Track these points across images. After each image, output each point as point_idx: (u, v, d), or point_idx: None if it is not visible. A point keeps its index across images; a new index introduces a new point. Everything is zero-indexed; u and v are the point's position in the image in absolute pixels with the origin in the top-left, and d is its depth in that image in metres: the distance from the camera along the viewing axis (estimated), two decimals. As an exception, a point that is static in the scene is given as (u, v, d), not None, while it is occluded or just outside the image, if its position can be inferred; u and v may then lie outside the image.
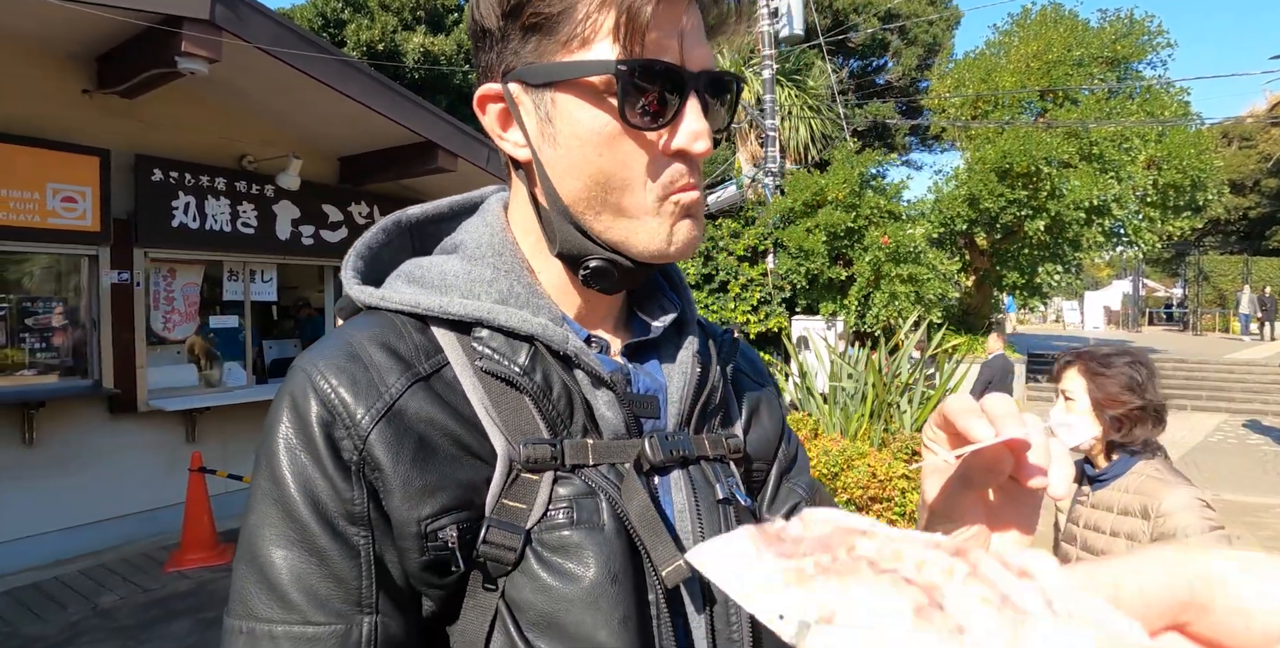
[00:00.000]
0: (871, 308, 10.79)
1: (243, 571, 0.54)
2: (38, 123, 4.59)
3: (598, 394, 0.60)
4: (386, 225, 0.71)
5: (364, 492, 0.53)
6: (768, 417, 0.76)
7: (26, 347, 4.76)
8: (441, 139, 5.56)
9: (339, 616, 0.52)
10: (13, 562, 4.61)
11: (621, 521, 0.56)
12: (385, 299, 0.62)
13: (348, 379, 0.55)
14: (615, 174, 0.57)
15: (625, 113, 0.54)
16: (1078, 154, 12.03)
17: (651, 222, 0.58)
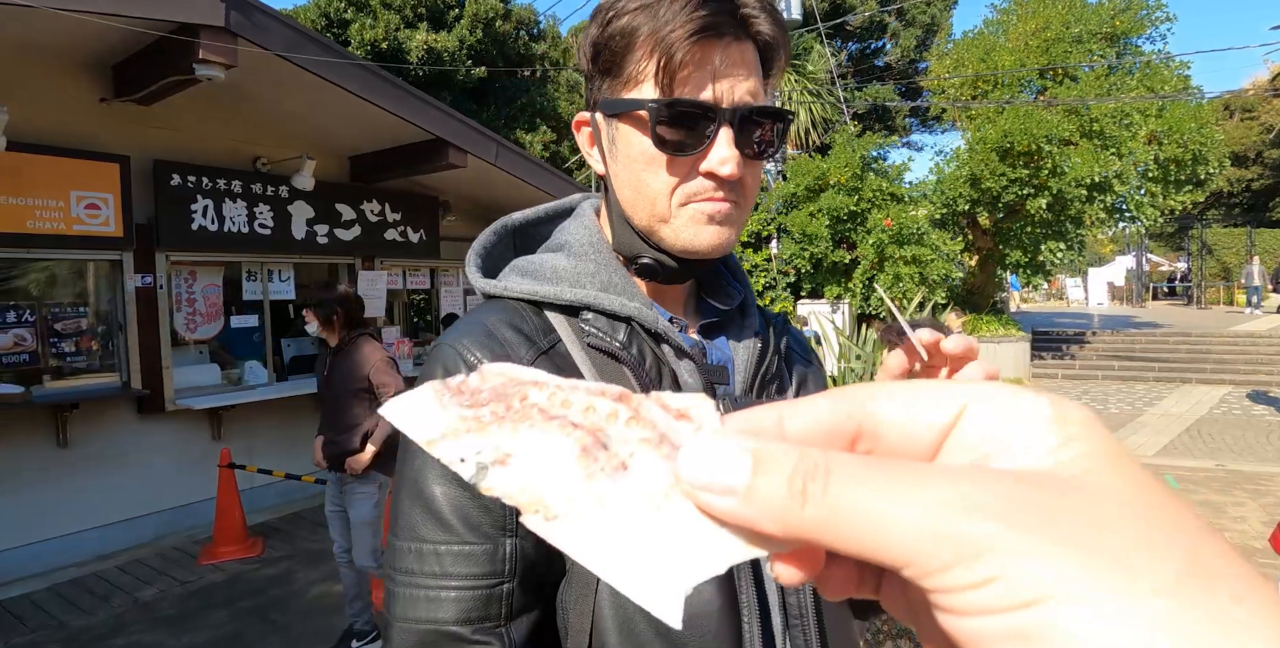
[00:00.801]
0: (876, 290, 10.89)
1: (408, 505, 0.68)
2: (59, 132, 4.70)
3: (681, 364, 0.74)
4: (496, 229, 0.86)
5: None
6: (814, 387, 0.91)
7: (57, 351, 4.90)
8: (451, 136, 5.65)
9: (488, 537, 0.66)
10: (55, 559, 4.77)
11: None
12: (508, 289, 0.77)
13: (488, 353, 0.70)
14: (651, 185, 0.70)
15: (657, 140, 0.67)
16: (1078, 131, 12.04)
17: (678, 224, 0.71)
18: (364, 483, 3.40)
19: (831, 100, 16.60)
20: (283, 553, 4.93)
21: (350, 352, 3.44)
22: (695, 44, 0.65)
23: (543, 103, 12.27)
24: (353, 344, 3.46)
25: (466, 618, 0.64)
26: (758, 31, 0.69)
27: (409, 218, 6.94)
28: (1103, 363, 14.05)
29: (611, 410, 0.24)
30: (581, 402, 0.24)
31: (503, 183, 6.72)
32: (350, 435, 3.37)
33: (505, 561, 0.65)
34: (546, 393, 0.25)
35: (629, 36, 0.67)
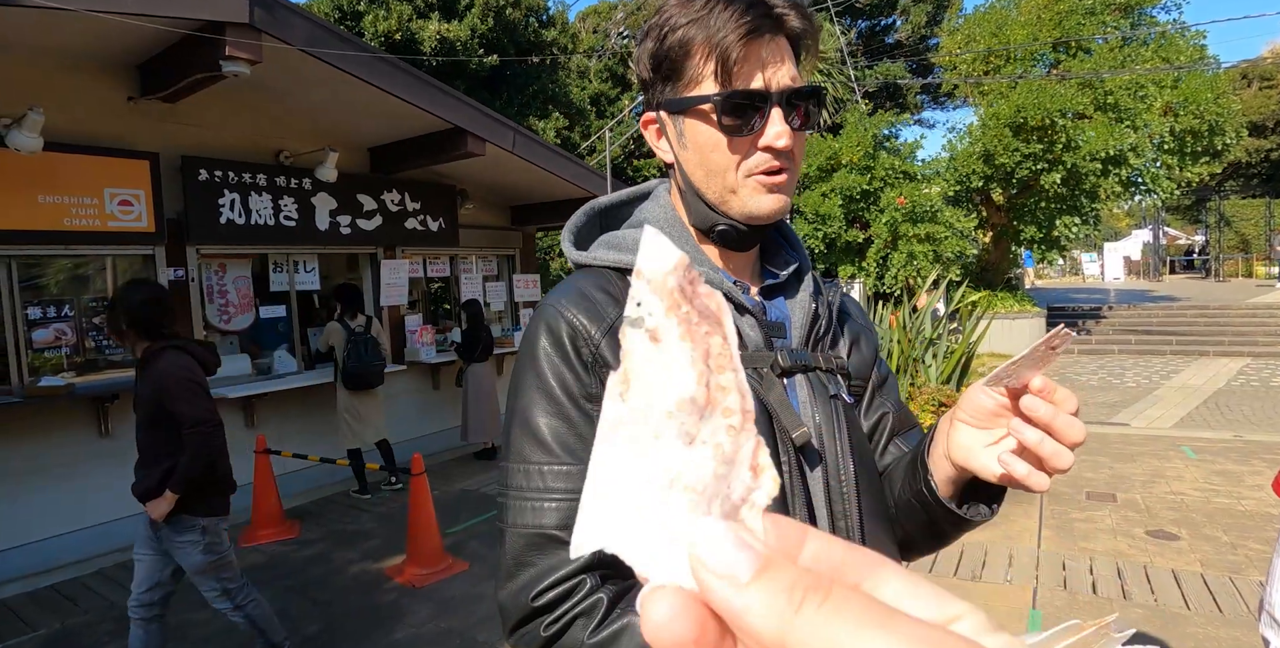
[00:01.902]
0: (890, 268, 10.93)
1: (517, 433, 0.81)
2: (91, 131, 4.84)
3: (743, 321, 0.86)
4: (585, 210, 1.00)
5: (597, 380, 0.81)
6: (865, 346, 1.02)
7: (96, 344, 5.07)
8: (468, 124, 5.74)
9: (582, 459, 0.78)
10: (101, 544, 4.96)
11: (763, 403, 0.81)
12: (597, 259, 0.91)
13: (583, 310, 0.83)
14: (720, 163, 0.83)
15: (723, 126, 0.81)
16: (1092, 105, 11.95)
17: (744, 193, 0.83)
18: (180, 531, 2.81)
19: (842, 79, 16.50)
20: (318, 535, 5.11)
21: (147, 369, 2.79)
22: (744, 44, 0.79)
23: (554, 89, 12.31)
24: (152, 359, 2.79)
25: (564, 524, 0.76)
26: (790, 27, 0.83)
27: (428, 207, 7.06)
28: (1119, 337, 14.01)
29: (730, 408, 0.25)
30: (727, 379, 0.25)
31: (519, 170, 6.81)
32: (151, 472, 2.80)
33: None
34: (717, 349, 0.26)
35: (686, 46, 0.81)
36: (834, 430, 0.85)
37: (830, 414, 0.86)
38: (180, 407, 2.74)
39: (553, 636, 0.74)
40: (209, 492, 2.87)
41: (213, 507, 2.90)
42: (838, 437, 0.85)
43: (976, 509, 0.83)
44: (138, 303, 2.81)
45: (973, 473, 0.74)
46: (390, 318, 6.89)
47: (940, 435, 0.79)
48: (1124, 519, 4.55)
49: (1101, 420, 7.82)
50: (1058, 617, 3.33)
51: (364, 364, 5.69)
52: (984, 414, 0.72)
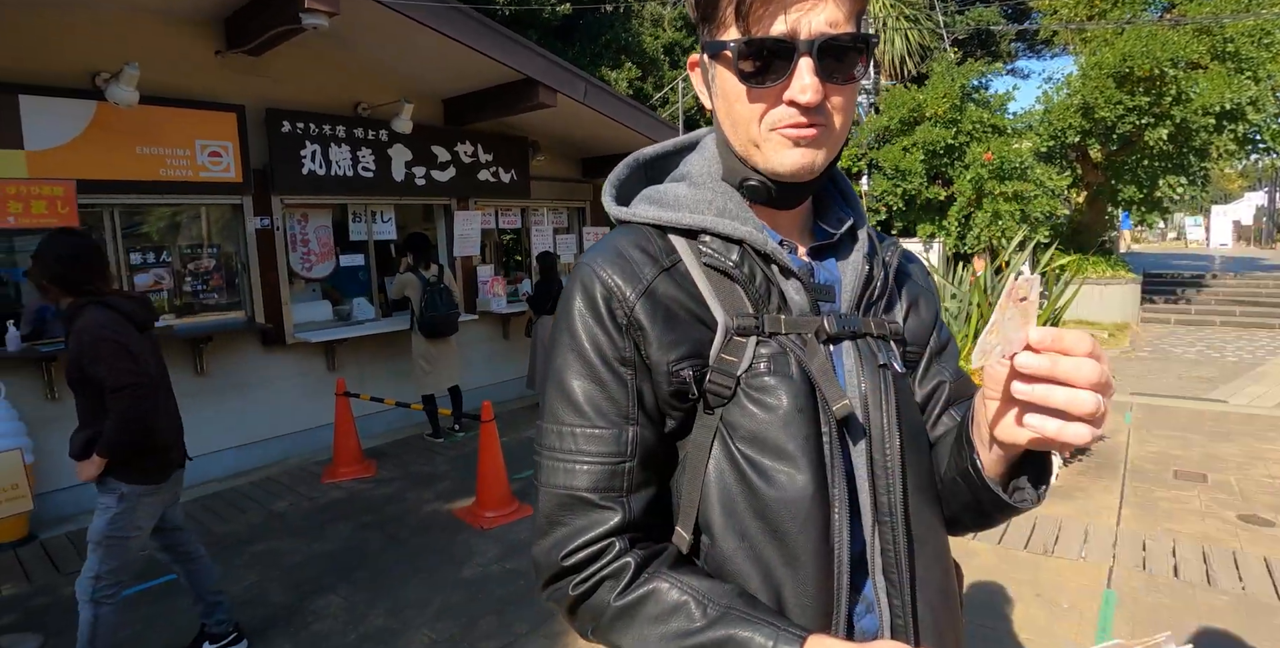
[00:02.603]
0: (972, 228, 10.46)
1: (552, 393, 0.81)
2: (182, 85, 5.01)
3: (788, 283, 0.82)
4: (629, 162, 0.96)
5: (630, 344, 0.79)
6: (924, 309, 0.96)
7: (191, 289, 5.35)
8: (540, 75, 5.69)
9: (613, 423, 0.78)
10: (199, 475, 5.33)
11: (805, 372, 0.78)
12: (636, 215, 0.87)
13: (619, 270, 0.80)
14: (742, 114, 0.77)
15: (740, 75, 0.74)
16: (1208, 53, 10.96)
17: (767, 148, 0.77)
18: (101, 491, 2.63)
19: (930, 26, 15.61)
20: (394, 475, 5.36)
21: (70, 327, 2.56)
22: None
23: (627, 38, 12.06)
24: (73, 316, 2.56)
25: (595, 487, 0.77)
26: None
27: (500, 159, 7.09)
28: (1222, 308, 13.14)
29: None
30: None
31: (590, 122, 6.74)
32: (81, 433, 2.62)
33: (628, 444, 0.78)
34: None
35: None
36: (881, 402, 0.81)
37: (878, 384, 0.82)
38: (99, 369, 2.47)
39: (581, 595, 0.76)
40: (142, 457, 2.63)
41: (141, 474, 2.64)
42: (884, 408, 0.80)
43: (1023, 494, 0.78)
44: (53, 258, 2.56)
45: (1015, 445, 0.69)
46: (463, 269, 7.03)
47: (978, 413, 0.75)
48: (1214, 501, 4.33)
49: (1196, 396, 7.40)
50: (1135, 599, 3.23)
51: (440, 313, 5.85)
52: (1000, 385, 0.66)
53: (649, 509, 0.79)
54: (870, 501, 0.79)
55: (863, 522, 0.79)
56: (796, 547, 0.74)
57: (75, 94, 4.53)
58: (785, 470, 0.75)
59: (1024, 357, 0.60)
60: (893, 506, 0.79)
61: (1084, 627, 2.98)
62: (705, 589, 0.74)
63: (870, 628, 0.80)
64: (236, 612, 3.38)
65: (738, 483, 0.76)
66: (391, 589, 3.57)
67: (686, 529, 0.79)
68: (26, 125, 4.36)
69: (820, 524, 0.75)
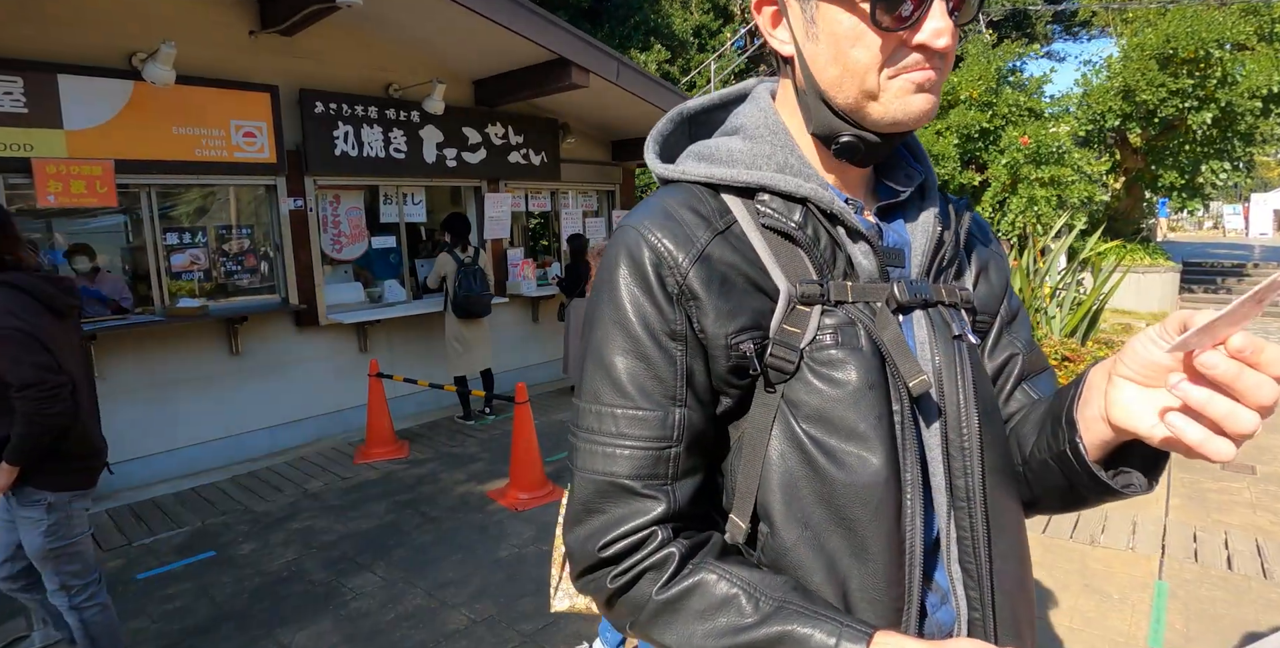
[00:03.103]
0: (1007, 214, 10.24)
1: (591, 370, 0.74)
2: (217, 65, 5.01)
3: (855, 247, 0.75)
4: (672, 116, 0.87)
5: (683, 315, 0.71)
6: (995, 275, 0.88)
7: (226, 269, 5.38)
8: (573, 54, 5.62)
9: (658, 405, 0.71)
10: (235, 454, 5.40)
11: (876, 344, 0.71)
12: (685, 173, 0.78)
13: (669, 234, 0.72)
14: (861, 61, 0.68)
15: (876, 17, 0.65)
16: (1255, 34, 10.61)
17: (887, 96, 0.69)
18: (23, 504, 2.31)
19: (965, 7, 15.24)
20: (427, 456, 5.38)
21: None
22: None
23: (656, 21, 11.91)
24: None
25: (637, 474, 0.71)
26: None
27: (531, 141, 7.04)
28: (1263, 296, 12.80)
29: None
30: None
31: (621, 103, 6.66)
32: None
33: (674, 427, 0.71)
34: None
35: None
36: (956, 376, 0.74)
37: (952, 357, 0.75)
38: (1, 364, 2.14)
39: (620, 588, 0.70)
40: (62, 463, 2.33)
41: (65, 481, 2.35)
42: (960, 384, 0.74)
43: (1129, 478, 0.70)
44: None
45: (1134, 435, 0.61)
46: (492, 251, 7.01)
47: (1093, 392, 0.66)
48: (1264, 494, 4.21)
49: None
50: (1188, 591, 3.14)
51: (475, 294, 5.84)
52: (1156, 371, 0.58)
53: (695, 498, 0.73)
54: (945, 484, 0.73)
55: (936, 507, 0.73)
56: (866, 536, 0.68)
57: (112, 74, 4.54)
58: (856, 452, 0.68)
59: (1210, 355, 0.52)
60: (971, 489, 0.72)
61: (1136, 618, 2.90)
62: (757, 581, 0.68)
63: (946, 621, 0.74)
64: (279, 588, 3.41)
65: (802, 466, 0.70)
66: (428, 569, 3.58)
67: (743, 518, 0.73)
68: (65, 105, 4.38)
69: (892, 511, 0.69)
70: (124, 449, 4.85)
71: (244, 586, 3.47)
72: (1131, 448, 0.69)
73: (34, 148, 4.28)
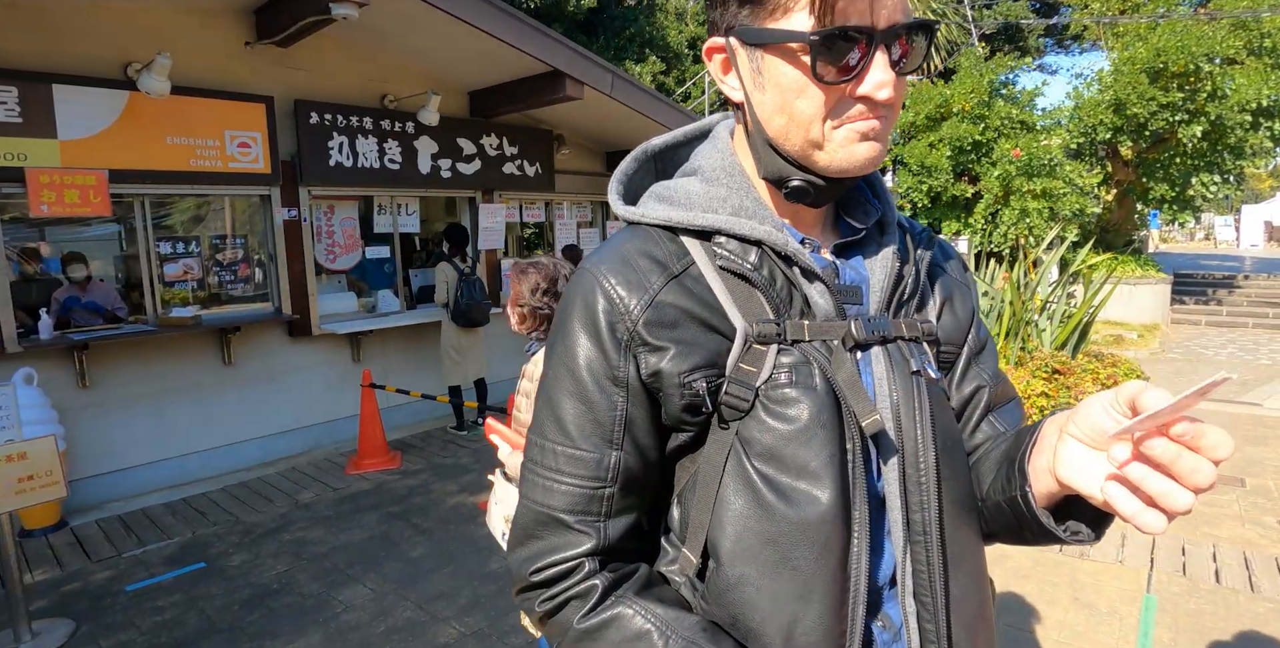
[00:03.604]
0: (999, 226, 10.30)
1: (541, 405, 0.78)
2: (212, 76, 5.03)
3: (811, 286, 0.75)
4: (636, 155, 0.89)
5: (630, 362, 0.74)
6: (960, 305, 0.88)
7: (219, 279, 5.38)
8: (568, 67, 5.66)
9: (596, 447, 0.75)
10: (226, 464, 5.38)
11: (830, 383, 0.72)
12: (644, 216, 0.80)
13: (623, 280, 0.74)
14: (806, 112, 0.69)
15: (816, 72, 0.66)
16: (1245, 49, 10.73)
17: (832, 146, 0.70)
18: None
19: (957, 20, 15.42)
20: (419, 467, 5.36)
21: None
22: None
23: (651, 32, 12.00)
24: None
25: (571, 509, 0.75)
26: None
27: (525, 152, 7.07)
28: (1254, 310, 12.87)
29: None
30: None
31: (615, 115, 6.70)
32: None
33: (609, 469, 0.75)
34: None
35: None
36: (914, 412, 0.74)
37: (911, 393, 0.75)
38: None
39: (548, 612, 0.75)
40: None
41: None
42: (918, 419, 0.74)
43: (1077, 527, 0.71)
44: None
45: (1078, 494, 0.63)
46: (487, 262, 7.02)
47: (1045, 444, 0.68)
48: (1253, 506, 4.23)
49: (1230, 399, 7.25)
50: (1176, 604, 3.15)
51: (475, 302, 5.86)
52: (1102, 437, 0.60)
53: (628, 534, 0.77)
54: (902, 518, 0.73)
55: (894, 542, 0.74)
56: (811, 577, 0.69)
57: (108, 84, 4.56)
58: (806, 490, 0.69)
59: (1156, 443, 0.54)
60: (927, 523, 0.73)
61: (1124, 632, 2.91)
62: (670, 620, 0.71)
63: None
64: (269, 600, 3.40)
65: (752, 504, 0.71)
66: (419, 581, 3.57)
67: (694, 552, 0.75)
68: (60, 115, 4.39)
69: (839, 551, 0.70)
70: (114, 459, 4.84)
71: (234, 598, 3.46)
72: (1080, 501, 0.69)
73: (28, 157, 4.29)
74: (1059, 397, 4.32)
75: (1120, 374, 4.61)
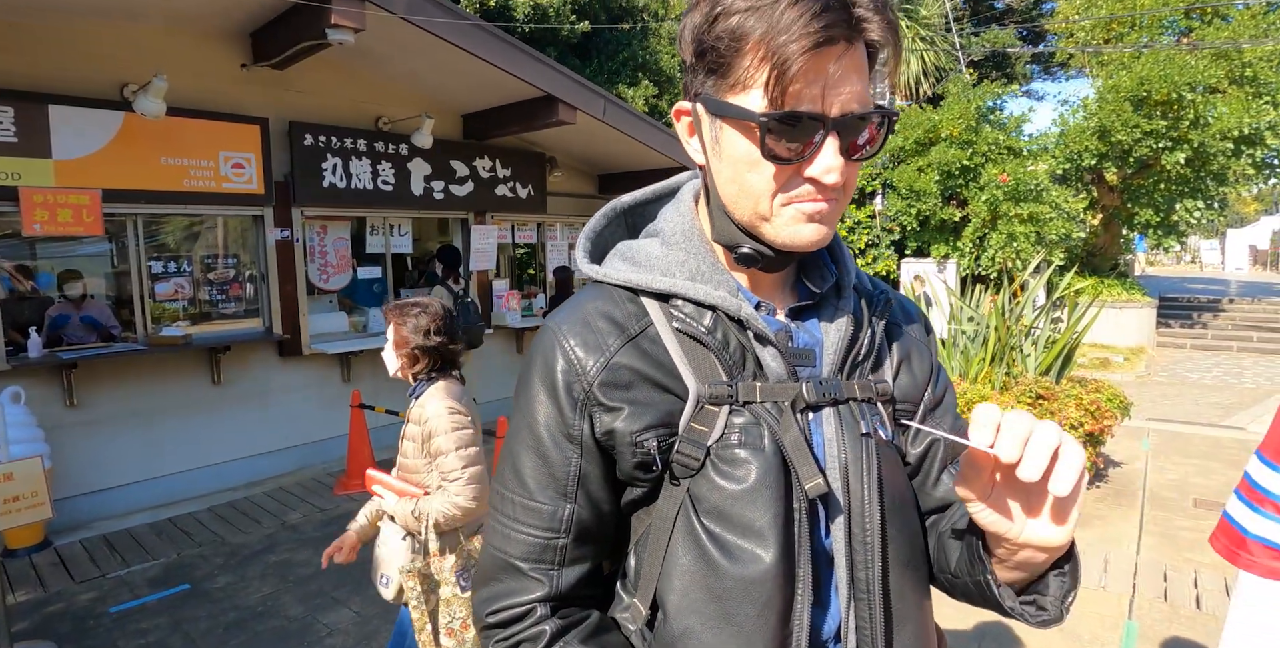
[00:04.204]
0: (987, 250, 10.41)
1: (504, 456, 0.83)
2: (208, 97, 5.08)
3: (764, 350, 0.78)
4: (606, 212, 0.92)
5: (585, 420, 0.77)
6: (917, 363, 0.90)
7: (210, 298, 5.40)
8: (561, 92, 5.74)
9: (550, 500, 0.79)
10: (214, 484, 5.35)
11: (778, 444, 0.74)
12: (607, 276, 0.84)
13: (582, 341, 0.78)
14: (756, 186, 0.71)
15: (765, 149, 0.68)
16: (1226, 78, 10.96)
17: (779, 222, 0.73)
18: None
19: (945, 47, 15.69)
20: (406, 488, 5.34)
21: None
22: (810, 56, 0.64)
23: (644, 56, 12.15)
24: None
25: (526, 557, 0.79)
26: (870, 37, 0.68)
27: (518, 174, 7.14)
28: (1239, 333, 13.03)
29: None
30: None
31: (607, 138, 6.79)
32: None
33: (563, 521, 0.79)
34: None
35: (739, 39, 0.66)
36: (861, 472, 0.76)
37: (859, 454, 0.77)
38: None
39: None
40: None
41: None
42: (865, 480, 0.76)
43: (1043, 603, 0.73)
44: None
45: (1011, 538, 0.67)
46: (478, 283, 7.06)
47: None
48: (1234, 528, 4.27)
49: (1214, 423, 7.32)
50: (1157, 630, 3.17)
51: (470, 325, 5.88)
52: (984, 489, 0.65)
53: (581, 582, 0.81)
54: (847, 576, 0.76)
55: (834, 598, 0.77)
56: (752, 633, 0.71)
57: (104, 104, 4.60)
58: (750, 548, 0.72)
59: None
60: (870, 582, 0.75)
61: (1106, 658, 2.93)
62: None
63: None
64: (253, 623, 3.38)
65: (698, 561, 0.74)
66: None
67: (644, 603, 0.78)
68: (55, 135, 4.43)
69: (781, 608, 0.72)
70: (100, 479, 4.81)
71: (218, 621, 3.43)
72: (1046, 574, 0.72)
73: (22, 176, 4.32)
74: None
75: (1103, 400, 4.67)
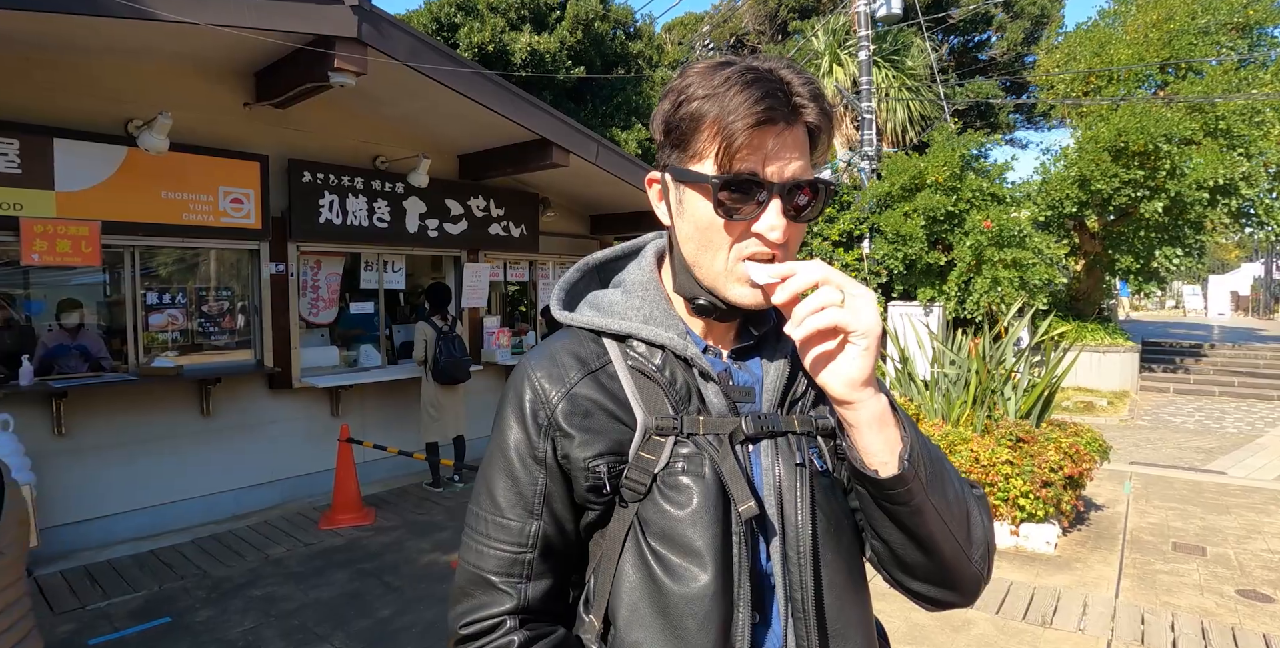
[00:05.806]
0: (972, 293, 10.59)
1: (479, 479, 0.92)
2: (210, 133, 5.22)
3: (708, 386, 0.88)
4: (580, 267, 1.05)
5: (549, 444, 0.87)
6: None
7: (203, 330, 5.45)
8: (556, 137, 5.92)
9: (519, 517, 0.87)
10: (199, 516, 5.32)
11: (717, 472, 0.82)
12: (574, 320, 0.95)
13: (547, 374, 0.89)
14: (713, 241, 0.83)
15: (718, 208, 0.80)
16: (1201, 130, 11.32)
17: (731, 277, 0.84)
18: None
19: (931, 96, 16.15)
20: (393, 523, 5.33)
21: None
22: (752, 132, 0.77)
23: (638, 100, 12.49)
24: None
25: (497, 571, 0.87)
26: (807, 120, 0.81)
27: (511, 213, 7.28)
28: (1221, 378, 13.20)
29: None
30: None
31: (600, 180, 6.96)
32: None
33: (530, 537, 0.88)
34: None
35: (697, 120, 0.80)
36: (795, 499, 0.84)
37: (794, 482, 0.85)
38: None
39: None
40: None
41: None
42: (799, 507, 0.83)
43: (884, 462, 0.80)
44: None
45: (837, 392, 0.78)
46: (469, 319, 7.13)
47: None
48: (1213, 575, 4.31)
49: (1195, 467, 7.40)
50: (1131, 669, 3.19)
51: (455, 360, 5.94)
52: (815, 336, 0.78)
53: (548, 596, 0.89)
54: (783, 596, 0.82)
55: (773, 614, 0.83)
56: (696, 645, 0.78)
57: (108, 139, 4.72)
58: (690, 568, 0.79)
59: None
60: (805, 602, 0.81)
61: (1083, 701, 2.95)
62: None
63: None
64: (228, 659, 3.34)
65: (645, 579, 0.82)
66: (388, 642, 3.53)
67: (598, 618, 0.86)
68: (59, 167, 4.53)
69: (720, 623, 0.78)
70: (85, 508, 4.79)
71: (195, 656, 3.40)
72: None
73: (24, 207, 4.40)
74: (1023, 464, 4.43)
75: (1082, 443, 4.75)
